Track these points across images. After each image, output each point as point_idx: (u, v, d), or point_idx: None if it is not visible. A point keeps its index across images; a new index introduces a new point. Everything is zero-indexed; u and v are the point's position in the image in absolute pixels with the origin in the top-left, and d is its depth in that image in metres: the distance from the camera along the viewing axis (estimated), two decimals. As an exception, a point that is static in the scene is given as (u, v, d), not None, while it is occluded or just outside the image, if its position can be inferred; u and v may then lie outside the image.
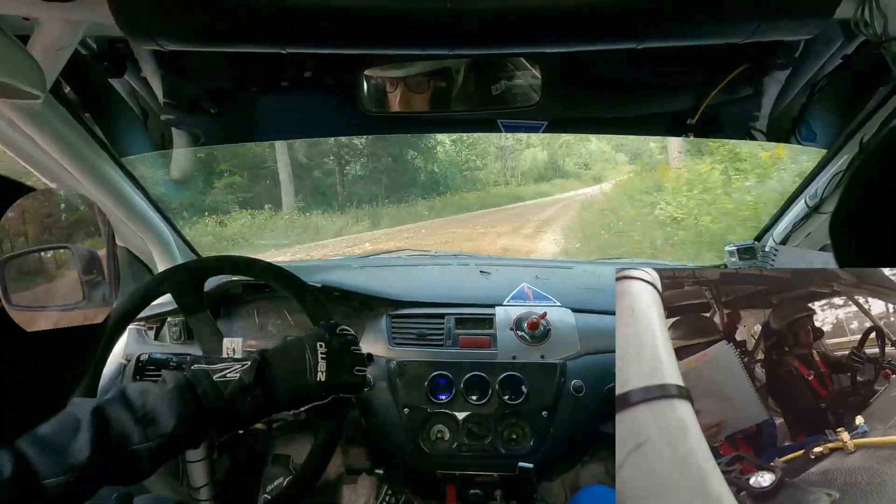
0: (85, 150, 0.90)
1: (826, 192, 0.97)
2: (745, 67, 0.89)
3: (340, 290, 1.07)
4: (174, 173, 2.30)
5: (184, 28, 0.63)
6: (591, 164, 24.72)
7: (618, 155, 27.55)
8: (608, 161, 27.09)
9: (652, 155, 29.77)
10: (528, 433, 0.93)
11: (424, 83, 0.94)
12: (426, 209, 11.46)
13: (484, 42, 0.67)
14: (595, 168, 24.62)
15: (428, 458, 0.93)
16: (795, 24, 0.63)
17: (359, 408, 1.00)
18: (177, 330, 1.09)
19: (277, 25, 0.63)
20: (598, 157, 25.42)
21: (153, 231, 1.14)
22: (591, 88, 0.99)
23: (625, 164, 29.51)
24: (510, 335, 1.01)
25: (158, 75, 0.93)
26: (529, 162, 20.25)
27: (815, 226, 1.06)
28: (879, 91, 0.83)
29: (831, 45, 0.83)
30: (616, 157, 27.78)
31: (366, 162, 12.68)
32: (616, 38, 0.65)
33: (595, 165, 24.76)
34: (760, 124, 0.99)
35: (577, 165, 23.70)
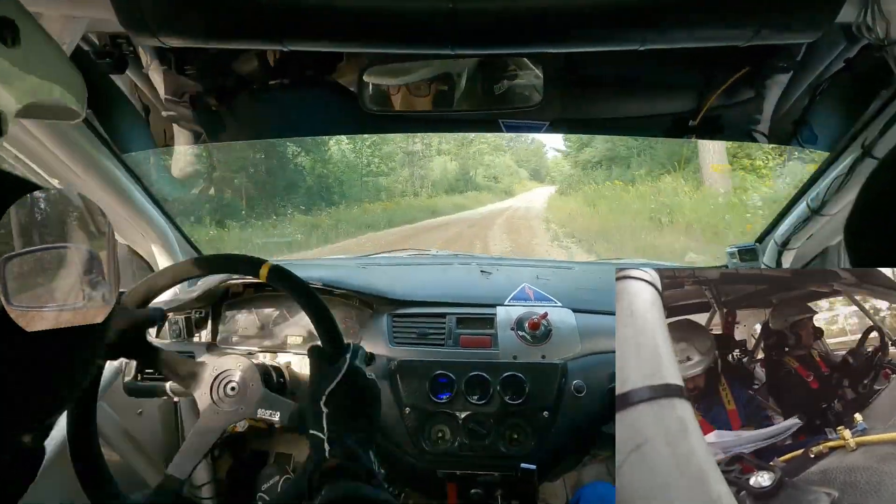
0: (86, 146, 0.90)
1: (828, 195, 0.97)
2: (748, 70, 0.89)
3: (341, 289, 1.07)
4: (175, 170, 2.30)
5: (186, 24, 0.63)
6: (500, 177, 24.86)
7: (520, 170, 29.10)
8: (514, 175, 27.97)
9: (549, 173, 27.30)
10: (529, 433, 0.93)
11: (426, 82, 0.94)
12: (307, 225, 9.04)
13: (486, 42, 0.67)
14: (503, 181, 24.80)
15: (429, 457, 0.93)
16: (798, 27, 0.63)
17: None
18: (178, 328, 1.09)
19: (279, 23, 0.63)
20: (504, 170, 25.79)
21: (154, 228, 1.14)
22: (593, 89, 0.99)
23: (527, 179, 31.02)
24: (511, 335, 1.01)
25: (160, 72, 0.93)
26: (439, 171, 19.00)
27: (817, 228, 1.06)
28: (881, 94, 0.84)
29: (833, 49, 0.83)
30: (519, 171, 29.27)
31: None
32: (619, 40, 0.65)
33: (503, 179, 24.96)
34: (762, 127, 0.99)
35: (487, 178, 23.33)
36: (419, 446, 0.93)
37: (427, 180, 17.94)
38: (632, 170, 12.65)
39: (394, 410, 0.95)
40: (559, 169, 35.42)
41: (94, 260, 0.37)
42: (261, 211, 9.50)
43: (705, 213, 7.10)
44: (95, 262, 0.37)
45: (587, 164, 16.60)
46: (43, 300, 0.34)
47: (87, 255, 0.37)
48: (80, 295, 0.36)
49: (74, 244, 0.37)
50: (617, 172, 13.26)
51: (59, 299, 0.35)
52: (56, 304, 0.35)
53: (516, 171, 27.37)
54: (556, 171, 35.34)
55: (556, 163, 36.29)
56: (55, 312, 0.34)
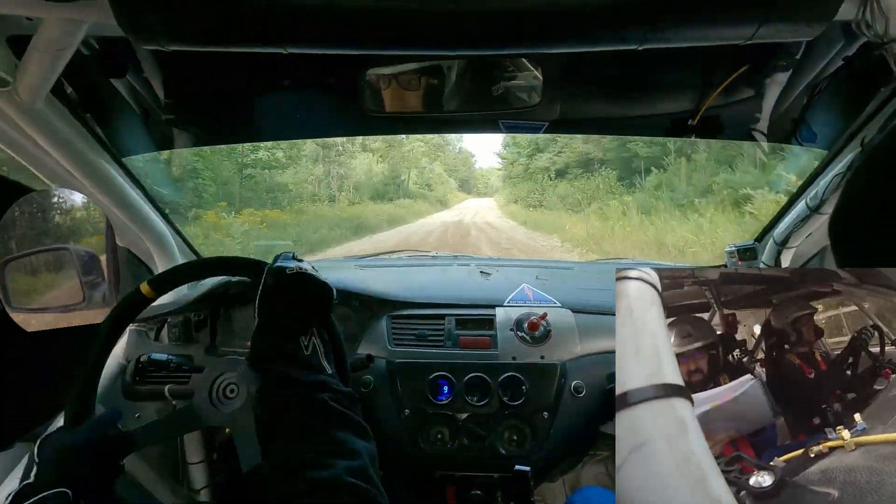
0: (86, 149, 0.90)
1: (826, 194, 0.97)
2: (746, 69, 0.89)
3: (340, 290, 1.07)
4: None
5: (185, 28, 0.64)
6: (433, 184, 22.57)
7: (450, 179, 27.60)
8: (445, 184, 25.90)
9: (475, 186, 26.72)
10: (529, 434, 0.93)
11: (425, 84, 0.94)
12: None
13: (486, 43, 0.67)
14: (437, 190, 22.79)
15: (428, 458, 0.93)
16: (797, 25, 0.63)
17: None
18: (177, 331, 1.09)
19: (279, 25, 0.63)
20: (435, 178, 23.68)
21: (153, 231, 1.14)
22: (592, 89, 0.99)
23: (456, 189, 29.69)
24: (510, 336, 1.01)
25: (159, 75, 0.93)
26: (363, 172, 15.46)
27: (816, 227, 1.06)
28: (881, 92, 0.84)
29: (832, 47, 0.83)
30: (449, 180, 27.48)
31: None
32: (618, 40, 0.65)
33: (436, 187, 22.93)
34: (761, 125, 0.99)
35: (419, 185, 20.83)
36: (418, 447, 0.93)
37: (347, 182, 14.17)
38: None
39: (393, 412, 0.95)
40: (486, 181, 34.15)
41: (94, 261, 0.38)
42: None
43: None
44: (95, 265, 0.38)
45: (537, 172, 16.53)
46: (43, 301, 0.34)
47: (87, 257, 0.37)
48: (78, 298, 0.36)
49: (74, 247, 0.37)
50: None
51: (59, 300, 0.35)
52: (56, 305, 0.35)
53: (447, 181, 25.51)
54: (483, 184, 34.20)
55: (484, 174, 35.33)
56: (55, 313, 0.34)
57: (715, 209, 7.62)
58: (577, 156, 14.51)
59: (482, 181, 34.63)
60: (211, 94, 0.99)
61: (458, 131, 1.12)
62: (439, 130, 1.13)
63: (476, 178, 35.33)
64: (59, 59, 0.71)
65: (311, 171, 12.35)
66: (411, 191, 18.73)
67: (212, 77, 0.97)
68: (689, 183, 9.15)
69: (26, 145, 0.83)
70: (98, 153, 0.94)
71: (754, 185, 7.06)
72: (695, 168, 9.14)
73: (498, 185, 21.81)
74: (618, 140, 11.18)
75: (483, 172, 36.59)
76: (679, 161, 9.64)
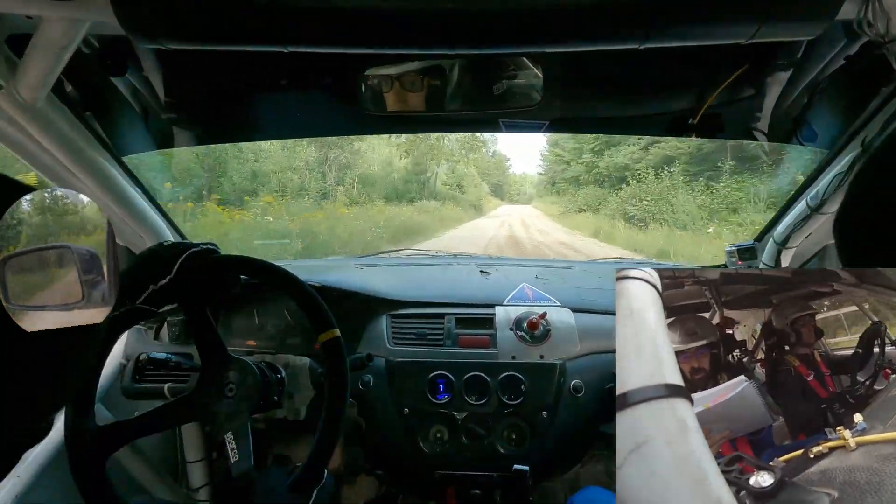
0: (86, 148, 0.90)
1: (827, 193, 0.97)
2: (747, 68, 0.89)
3: (340, 290, 1.07)
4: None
5: (185, 27, 0.63)
6: (464, 186, 19.04)
7: (483, 183, 23.64)
8: (478, 186, 21.97)
9: (508, 192, 24.51)
10: (528, 433, 0.93)
11: (425, 83, 0.94)
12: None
13: (485, 42, 0.67)
14: (469, 193, 18.98)
15: (427, 458, 0.93)
16: (798, 25, 0.63)
17: (358, 408, 1.00)
18: (176, 330, 1.09)
19: (279, 25, 0.63)
20: (469, 179, 19.88)
21: (154, 230, 1.14)
22: (592, 88, 0.99)
23: (489, 194, 26.10)
24: (510, 335, 1.01)
25: (160, 74, 0.93)
26: (377, 162, 11.16)
27: (816, 226, 1.06)
28: (882, 91, 0.83)
29: (834, 46, 0.83)
30: (482, 184, 23.48)
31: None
32: (618, 39, 0.65)
33: (468, 189, 19.24)
34: (762, 125, 0.99)
35: (448, 185, 16.99)
36: (417, 447, 0.93)
37: (351, 174, 9.72)
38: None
39: (392, 411, 0.95)
40: (520, 188, 32.45)
41: (94, 259, 0.37)
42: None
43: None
44: (94, 264, 0.37)
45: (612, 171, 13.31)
46: (43, 300, 0.34)
47: (87, 255, 0.37)
48: (78, 296, 0.36)
49: (73, 246, 0.37)
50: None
51: (59, 299, 0.35)
52: (56, 304, 0.35)
53: (479, 183, 21.96)
54: (516, 190, 32.38)
55: (518, 180, 33.55)
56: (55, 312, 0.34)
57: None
58: (692, 146, 10.30)
59: (515, 187, 33.32)
60: (211, 94, 0.99)
61: (458, 130, 1.12)
62: (439, 130, 1.13)
63: (510, 183, 33.85)
64: (60, 58, 0.71)
65: (297, 154, 8.50)
66: (439, 191, 14.71)
67: (212, 76, 0.97)
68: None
69: (26, 144, 0.83)
70: (98, 152, 0.94)
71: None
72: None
73: (532, 192, 20.37)
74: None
75: (517, 178, 35.08)
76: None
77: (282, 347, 1.07)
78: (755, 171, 9.11)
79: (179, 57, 0.92)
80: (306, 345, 1.08)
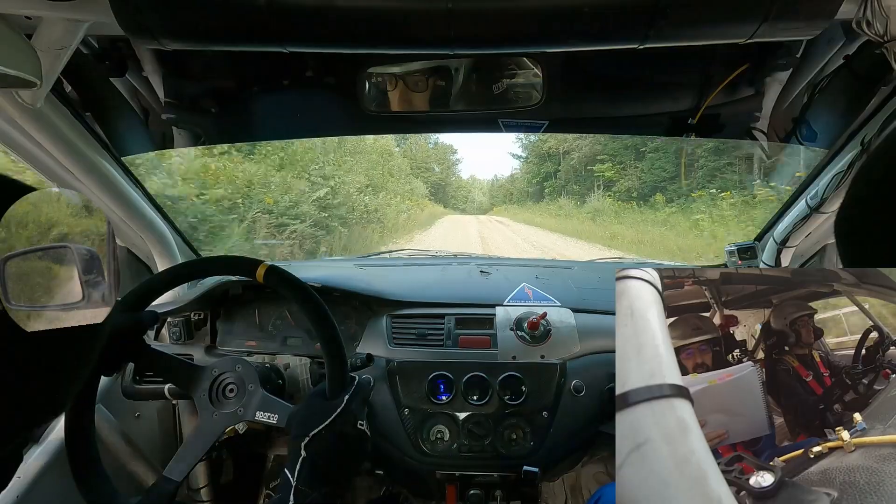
0: (86, 149, 0.90)
1: (827, 193, 0.97)
2: (747, 67, 0.89)
3: (341, 290, 1.07)
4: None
5: (185, 27, 0.63)
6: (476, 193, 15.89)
7: (418, 181, 18.46)
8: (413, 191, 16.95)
9: (453, 197, 18.67)
10: (528, 433, 0.93)
11: (426, 83, 0.94)
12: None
13: (485, 42, 0.67)
14: (479, 201, 16.14)
15: (428, 458, 0.93)
16: (797, 24, 0.63)
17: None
18: (177, 330, 1.09)
19: (279, 25, 0.63)
20: (476, 188, 16.99)
21: (153, 231, 1.14)
22: (592, 88, 0.99)
23: (427, 197, 19.82)
24: (510, 335, 1.01)
25: (159, 74, 0.93)
26: (376, 162, 9.19)
27: (815, 226, 1.06)
28: (881, 91, 0.83)
29: (833, 46, 0.83)
30: (416, 183, 18.03)
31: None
32: (618, 39, 0.65)
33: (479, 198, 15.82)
34: (761, 124, 0.99)
35: (460, 198, 14.32)
36: (418, 447, 0.93)
37: (340, 186, 7.36)
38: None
39: (393, 411, 0.95)
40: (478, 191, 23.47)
41: (94, 260, 0.37)
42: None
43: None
44: (95, 265, 0.37)
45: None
46: (43, 300, 0.34)
47: (87, 255, 0.37)
48: (78, 297, 0.36)
49: (73, 246, 0.37)
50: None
51: (60, 299, 0.35)
52: (56, 304, 0.35)
53: (414, 185, 17.61)
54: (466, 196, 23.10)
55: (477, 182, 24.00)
56: (55, 312, 0.34)
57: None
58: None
59: (465, 191, 25.41)
60: (211, 94, 0.99)
61: (458, 130, 1.11)
62: (439, 129, 1.13)
63: (463, 186, 26.02)
64: (59, 59, 0.71)
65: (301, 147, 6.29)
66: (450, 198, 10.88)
67: (212, 76, 0.97)
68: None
69: (26, 145, 0.83)
70: (98, 152, 0.94)
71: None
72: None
73: (483, 200, 15.51)
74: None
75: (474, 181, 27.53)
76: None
77: (282, 348, 1.07)
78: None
79: (179, 57, 0.92)
80: (306, 345, 1.08)
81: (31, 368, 0.35)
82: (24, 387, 0.35)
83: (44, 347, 0.34)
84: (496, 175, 22.05)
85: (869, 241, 0.38)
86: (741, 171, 8.64)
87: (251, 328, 1.11)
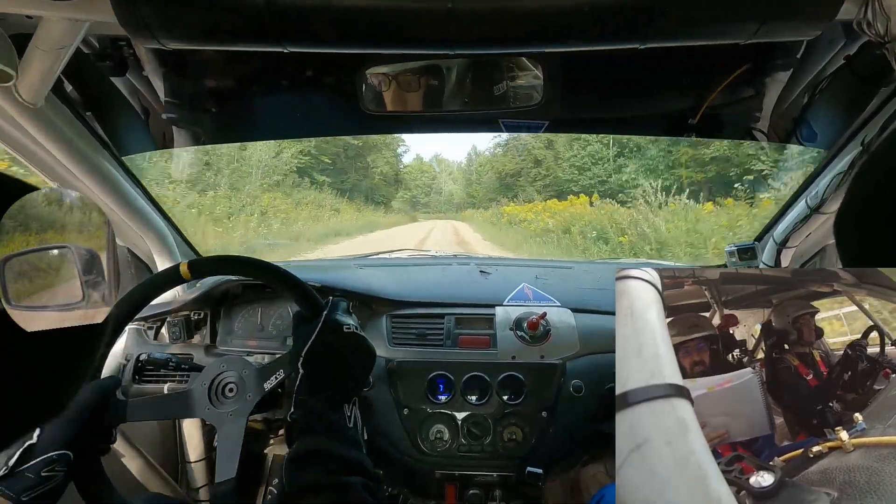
0: (86, 148, 0.90)
1: (827, 193, 0.97)
2: (747, 68, 0.89)
3: (340, 290, 1.07)
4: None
5: (186, 27, 0.63)
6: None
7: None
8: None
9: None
10: (528, 433, 0.93)
11: (426, 83, 0.94)
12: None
13: (485, 42, 0.67)
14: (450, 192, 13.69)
15: (427, 458, 0.93)
16: (798, 25, 0.63)
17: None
18: (176, 330, 1.09)
19: (279, 25, 0.63)
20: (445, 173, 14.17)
21: (153, 230, 1.14)
22: (592, 88, 0.99)
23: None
24: (510, 335, 1.01)
25: (160, 74, 0.93)
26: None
27: (816, 226, 1.06)
28: (881, 91, 0.83)
29: (833, 46, 0.83)
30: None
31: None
32: (618, 39, 0.65)
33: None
34: (762, 125, 0.99)
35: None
36: (417, 447, 0.93)
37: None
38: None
39: (392, 411, 0.95)
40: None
41: (94, 260, 0.37)
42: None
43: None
44: (95, 262, 0.37)
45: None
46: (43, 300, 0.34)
47: (87, 255, 0.37)
48: (78, 297, 0.36)
49: (73, 246, 0.37)
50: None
51: (60, 299, 0.35)
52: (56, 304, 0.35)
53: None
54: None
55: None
56: (55, 312, 0.34)
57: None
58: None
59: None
60: (211, 94, 0.99)
61: (458, 130, 1.11)
62: (439, 129, 1.13)
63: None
64: (60, 58, 0.71)
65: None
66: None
67: (212, 76, 0.97)
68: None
69: (27, 144, 0.83)
70: (98, 152, 0.94)
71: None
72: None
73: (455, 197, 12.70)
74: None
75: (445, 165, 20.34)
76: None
77: (282, 347, 1.07)
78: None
79: (179, 57, 0.92)
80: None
81: (31, 368, 0.35)
82: (24, 387, 0.35)
83: (44, 347, 0.34)
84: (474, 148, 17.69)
85: (869, 242, 0.38)
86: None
87: (251, 328, 1.11)
